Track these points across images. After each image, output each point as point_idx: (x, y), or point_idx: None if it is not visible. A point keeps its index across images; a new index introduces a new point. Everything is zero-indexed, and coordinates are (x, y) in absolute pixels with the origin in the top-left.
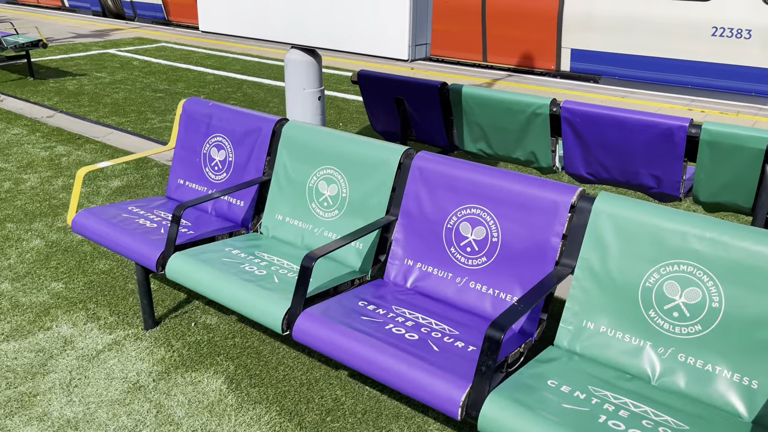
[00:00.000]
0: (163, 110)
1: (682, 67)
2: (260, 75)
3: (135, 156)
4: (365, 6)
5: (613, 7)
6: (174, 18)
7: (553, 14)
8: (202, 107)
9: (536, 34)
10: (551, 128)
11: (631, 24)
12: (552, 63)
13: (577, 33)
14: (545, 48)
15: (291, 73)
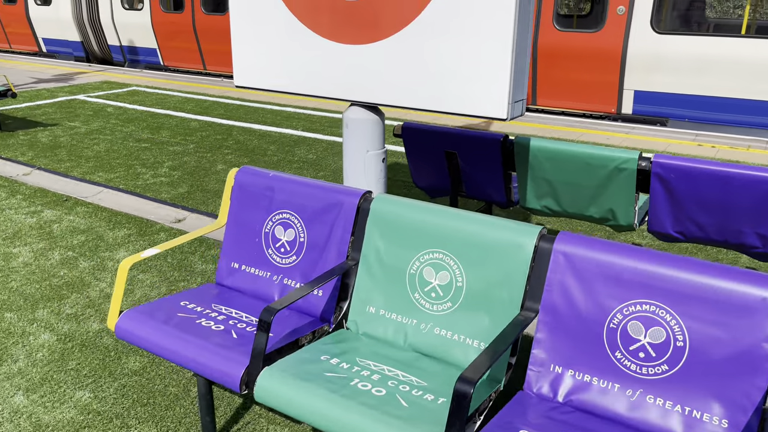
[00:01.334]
0: (152, 163)
1: (763, 108)
2: (247, 119)
3: (184, 239)
4: (453, 56)
5: (685, 46)
6: (170, 62)
7: (616, 54)
8: (261, 178)
9: (595, 75)
10: (637, 184)
11: (704, 64)
12: (613, 106)
13: (643, 73)
14: (606, 90)
15: (352, 134)
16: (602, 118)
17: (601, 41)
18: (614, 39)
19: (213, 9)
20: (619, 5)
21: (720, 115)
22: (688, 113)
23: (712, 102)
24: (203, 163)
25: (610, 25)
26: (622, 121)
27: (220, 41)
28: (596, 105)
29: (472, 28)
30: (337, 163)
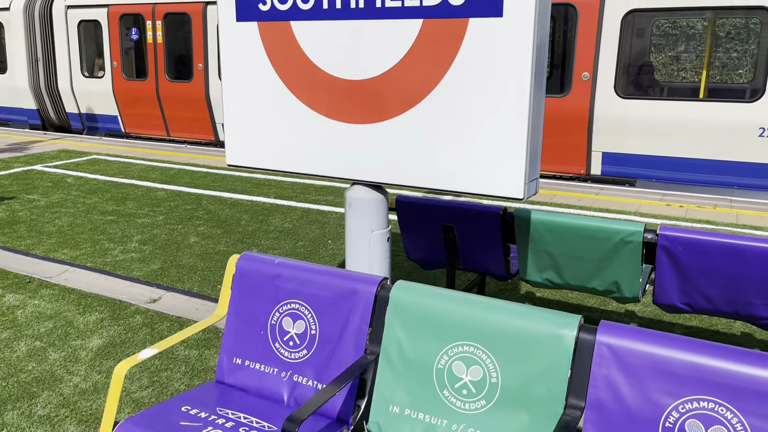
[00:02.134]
0: (121, 237)
1: (727, 167)
2: (216, 188)
3: (182, 335)
4: (464, 136)
5: (648, 110)
6: (131, 129)
7: (583, 118)
8: (266, 265)
9: (564, 138)
10: (644, 256)
11: (667, 126)
12: (582, 167)
13: (609, 136)
14: (575, 152)
15: (356, 214)
16: (572, 179)
17: (569, 105)
18: (581, 103)
19: (177, 76)
20: (583, 71)
21: (685, 175)
22: (655, 173)
23: (677, 162)
24: (175, 235)
25: (576, 90)
26: (591, 182)
27: (184, 108)
28: (566, 167)
29: (485, 107)
30: (315, 232)
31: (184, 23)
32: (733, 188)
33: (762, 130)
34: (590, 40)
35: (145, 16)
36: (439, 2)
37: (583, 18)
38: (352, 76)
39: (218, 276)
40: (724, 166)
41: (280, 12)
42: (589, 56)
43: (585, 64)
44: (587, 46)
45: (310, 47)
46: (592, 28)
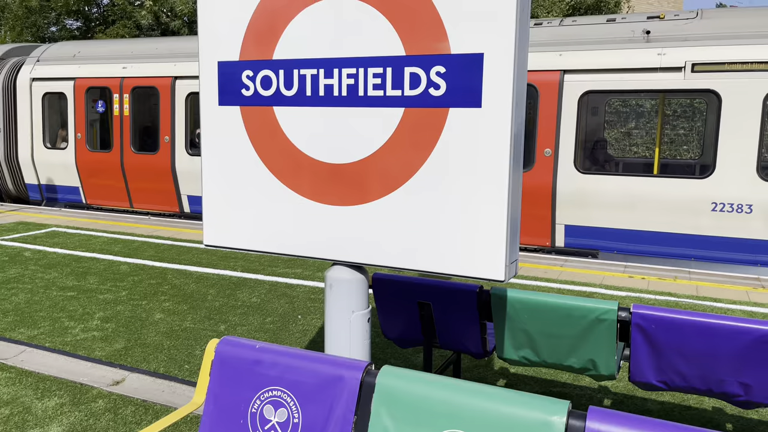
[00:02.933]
0: (81, 315)
1: (684, 240)
2: (181, 261)
3: (158, 427)
4: (446, 219)
5: (607, 185)
6: (93, 201)
7: (547, 192)
8: (246, 350)
9: (529, 211)
10: (618, 334)
11: (626, 200)
12: (547, 239)
13: (572, 209)
14: (540, 225)
15: (336, 295)
16: (536, 251)
17: (533, 180)
18: (544, 178)
19: (141, 148)
20: (545, 148)
21: (645, 247)
22: (616, 245)
23: (637, 235)
24: (139, 312)
25: (540, 165)
26: (556, 254)
27: (148, 179)
28: (532, 239)
29: (465, 192)
30: (284, 307)
31: (152, 96)
32: (690, 260)
33: (714, 205)
34: (551, 118)
35: (112, 89)
36: (420, 92)
37: (544, 97)
38: (335, 160)
39: (185, 355)
40: (681, 238)
41: (263, 97)
42: (550, 133)
43: (547, 140)
44: (549, 124)
45: (292, 132)
46: (552, 108)
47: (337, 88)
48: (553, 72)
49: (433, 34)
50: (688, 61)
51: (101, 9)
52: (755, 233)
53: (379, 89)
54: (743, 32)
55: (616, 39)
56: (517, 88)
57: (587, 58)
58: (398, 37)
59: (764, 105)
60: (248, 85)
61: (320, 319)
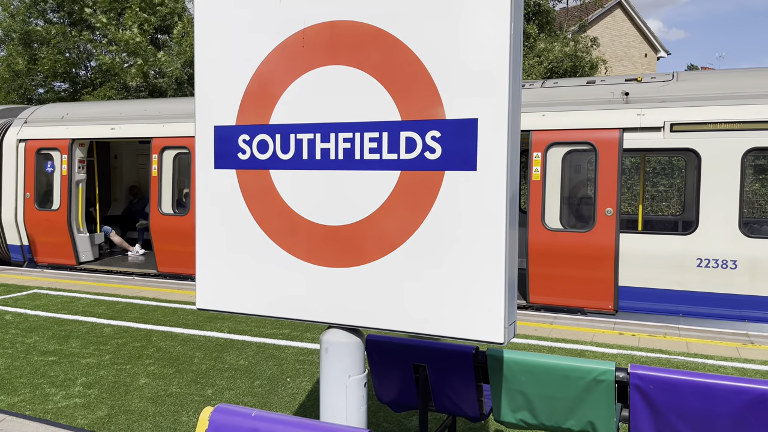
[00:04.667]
0: (63, 380)
1: (672, 296)
2: (166, 323)
3: None
4: (442, 281)
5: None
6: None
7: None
8: (242, 419)
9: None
10: (616, 395)
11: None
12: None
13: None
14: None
15: (332, 359)
16: (522, 308)
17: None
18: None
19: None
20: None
21: (633, 303)
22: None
23: (625, 291)
24: (123, 377)
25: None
26: (545, 311)
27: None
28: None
29: (462, 254)
30: (272, 369)
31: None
32: (679, 316)
33: (699, 261)
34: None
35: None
36: (416, 156)
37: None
38: (331, 222)
39: (171, 422)
40: (669, 294)
41: (259, 161)
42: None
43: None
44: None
45: (288, 194)
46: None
47: (333, 152)
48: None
49: (428, 100)
50: (667, 122)
51: (88, 72)
52: (741, 289)
53: (375, 153)
54: (719, 93)
55: (597, 100)
56: (511, 150)
57: (565, 119)
58: (394, 103)
59: (742, 162)
60: (245, 149)
61: (310, 381)
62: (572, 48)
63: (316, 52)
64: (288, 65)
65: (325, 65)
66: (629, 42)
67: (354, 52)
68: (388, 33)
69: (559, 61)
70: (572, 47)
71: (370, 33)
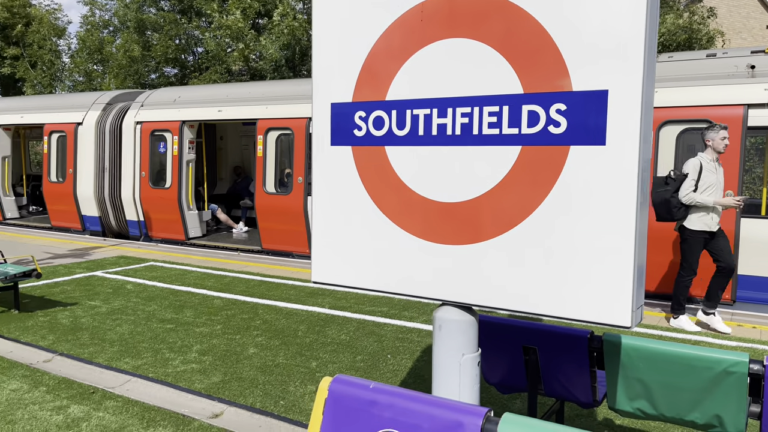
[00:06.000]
0: (180, 347)
1: None
2: (270, 297)
3: None
4: (566, 258)
5: None
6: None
7: None
8: (360, 390)
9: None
10: (749, 389)
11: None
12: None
13: None
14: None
15: (445, 337)
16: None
17: None
18: None
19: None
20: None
21: (752, 294)
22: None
23: (746, 280)
24: (233, 346)
25: None
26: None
27: (279, 220)
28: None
29: (587, 232)
30: (373, 345)
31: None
32: None
33: None
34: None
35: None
36: (539, 130)
37: None
38: (447, 198)
39: (279, 390)
40: None
41: (375, 138)
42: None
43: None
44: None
45: (404, 171)
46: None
47: (450, 127)
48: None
49: (554, 72)
50: None
51: (196, 57)
52: None
53: (494, 128)
54: None
55: (717, 75)
56: (644, 124)
57: (681, 95)
58: (516, 76)
59: None
60: (360, 125)
61: (410, 359)
62: (687, 20)
63: (434, 26)
64: (405, 40)
65: (444, 38)
66: (748, 13)
67: (474, 24)
68: (511, 2)
69: (672, 33)
70: (687, 18)
71: (492, 3)
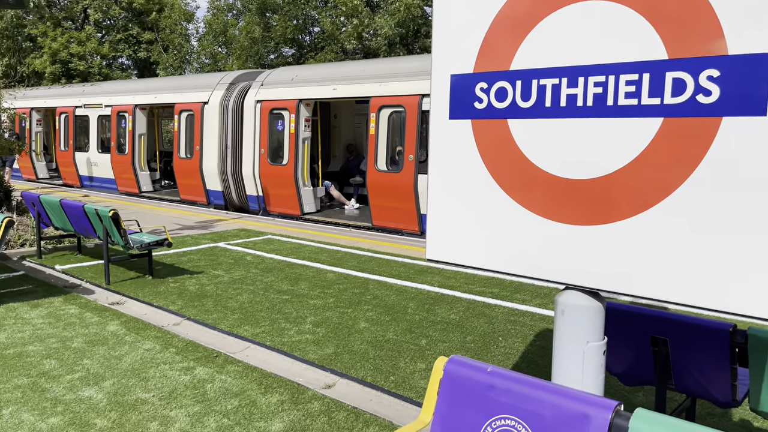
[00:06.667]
0: (295, 317)
1: None
2: (380, 273)
3: None
4: (713, 243)
5: None
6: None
7: None
8: (477, 372)
9: None
10: None
11: None
12: None
13: None
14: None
15: (568, 322)
16: None
17: None
18: None
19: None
20: None
21: None
22: None
23: None
24: (345, 319)
25: None
26: None
27: (389, 198)
28: None
29: (741, 214)
30: (483, 327)
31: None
32: None
33: None
34: None
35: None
36: (685, 100)
37: None
38: (575, 175)
39: (390, 366)
40: None
41: (496, 110)
42: None
43: None
44: None
45: (527, 145)
46: None
47: (581, 98)
48: None
49: (705, 34)
50: None
51: (312, 36)
52: None
53: (632, 98)
54: None
55: None
56: None
57: None
58: (660, 40)
59: None
60: (481, 97)
61: (522, 343)
62: None
63: None
64: (533, 5)
65: (576, 2)
66: None
67: None
68: None
69: None
70: None
71: None
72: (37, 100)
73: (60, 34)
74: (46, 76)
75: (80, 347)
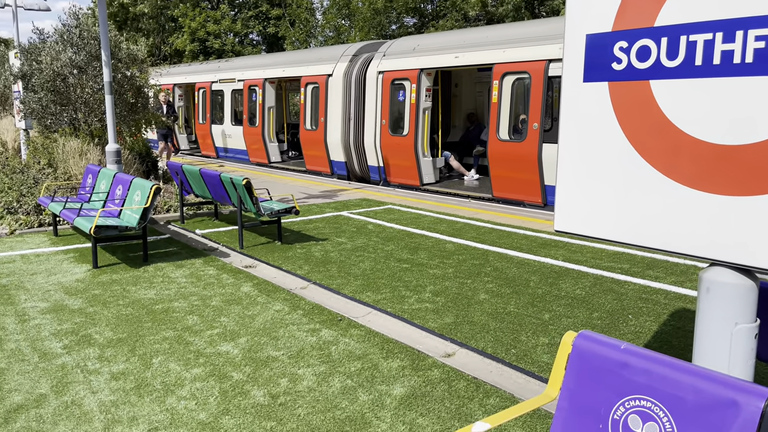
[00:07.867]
0: (415, 286)
1: None
2: (500, 245)
3: (511, 413)
4: None
5: None
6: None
7: None
8: (609, 349)
9: None
10: None
11: None
12: None
13: None
14: None
15: (714, 301)
16: None
17: None
18: None
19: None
20: None
21: None
22: None
23: None
24: (464, 290)
25: None
26: None
27: (512, 168)
28: None
29: None
30: (611, 303)
31: (524, 80)
32: None
33: None
34: None
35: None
36: None
37: None
38: (727, 140)
39: (510, 339)
40: None
41: (637, 71)
42: None
43: None
44: None
45: (672, 108)
46: None
47: (739, 55)
48: None
49: None
50: None
51: (434, 4)
52: None
53: None
54: None
55: None
56: None
57: None
58: None
59: None
60: (621, 57)
61: (655, 322)
62: None
63: None
64: None
65: None
66: None
67: None
68: None
69: None
70: None
71: None
72: (179, 76)
73: (198, 14)
74: (185, 54)
75: (218, 305)
